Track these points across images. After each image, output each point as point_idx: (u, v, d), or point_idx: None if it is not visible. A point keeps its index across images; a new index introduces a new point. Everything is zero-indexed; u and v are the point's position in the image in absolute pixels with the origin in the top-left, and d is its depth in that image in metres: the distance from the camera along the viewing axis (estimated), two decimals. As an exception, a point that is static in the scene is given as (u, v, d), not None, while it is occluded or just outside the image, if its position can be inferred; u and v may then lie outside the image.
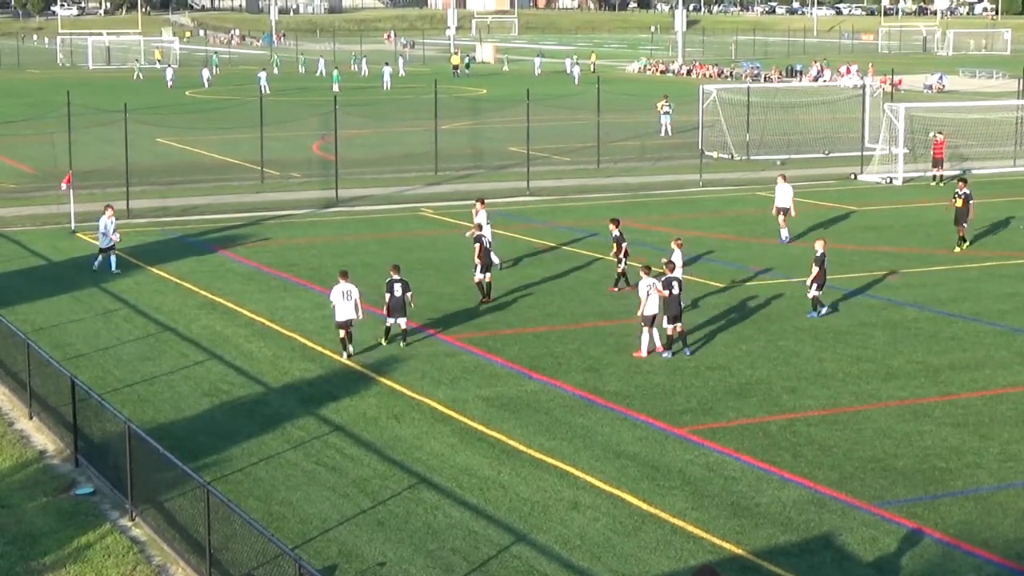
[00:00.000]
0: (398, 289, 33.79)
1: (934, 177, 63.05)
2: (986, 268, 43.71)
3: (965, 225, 46.75)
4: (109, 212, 43.49)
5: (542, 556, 21.89)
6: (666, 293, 33.07)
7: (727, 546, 22.24)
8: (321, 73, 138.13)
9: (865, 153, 67.42)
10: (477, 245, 38.66)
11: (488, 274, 38.92)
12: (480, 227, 39.58)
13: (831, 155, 72.87)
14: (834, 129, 78.72)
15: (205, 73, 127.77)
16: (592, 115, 71.39)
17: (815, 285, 37.15)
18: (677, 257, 35.96)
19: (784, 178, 49.71)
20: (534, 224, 51.85)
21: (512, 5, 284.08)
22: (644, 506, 23.91)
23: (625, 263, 39.80)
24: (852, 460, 26.16)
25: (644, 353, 33.20)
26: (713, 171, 65.38)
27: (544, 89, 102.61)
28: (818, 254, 37.21)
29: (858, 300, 39.34)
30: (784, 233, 48.43)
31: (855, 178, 65.27)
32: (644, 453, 26.53)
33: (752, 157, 71.54)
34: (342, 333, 33.30)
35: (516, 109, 74.80)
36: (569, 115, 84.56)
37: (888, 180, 64.04)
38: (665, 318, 33.26)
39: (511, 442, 27.26)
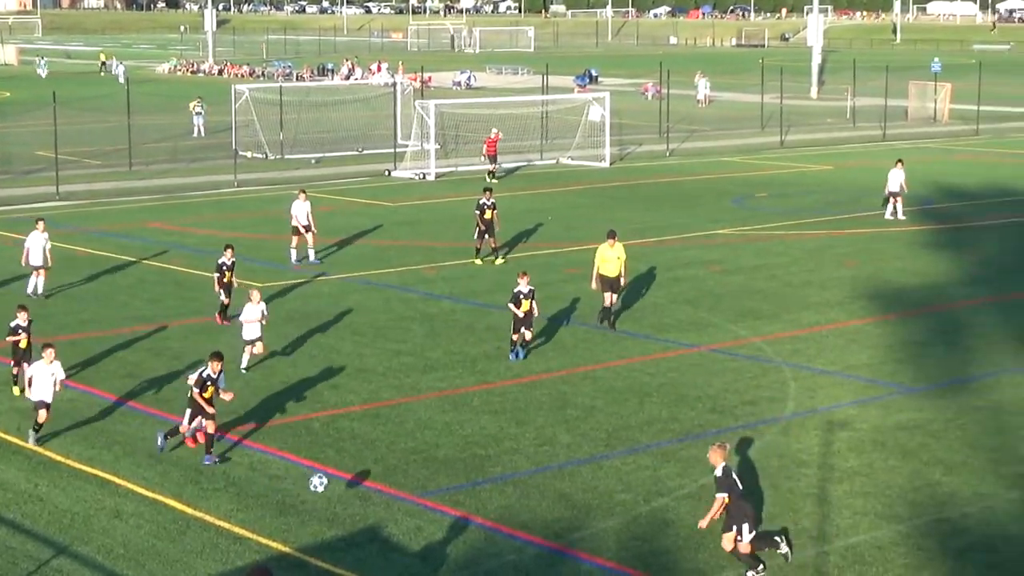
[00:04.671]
0: None
1: (489, 172, 64.13)
2: (518, 260, 44.86)
3: (495, 237, 44.52)
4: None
5: (84, 567, 21.34)
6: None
7: (274, 545, 22.20)
8: None
9: (398, 150, 68.46)
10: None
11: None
12: None
13: (365, 152, 73.67)
14: (367, 126, 79.63)
15: None
16: (122, 117, 69.95)
17: (523, 326, 33.15)
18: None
19: (304, 195, 44.59)
20: (66, 229, 50.44)
21: (35, 5, 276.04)
22: (189, 510, 23.61)
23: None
24: (395, 452, 26.50)
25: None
26: (248, 171, 65.14)
27: (72, 91, 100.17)
28: (524, 290, 33.14)
29: (395, 294, 39.89)
30: (299, 254, 44.47)
31: (389, 174, 66.15)
32: (187, 457, 26.16)
33: (287, 156, 71.70)
34: None
35: (42, 112, 72.68)
36: (99, 117, 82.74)
37: (421, 176, 65.13)
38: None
39: (48, 453, 26.46)
